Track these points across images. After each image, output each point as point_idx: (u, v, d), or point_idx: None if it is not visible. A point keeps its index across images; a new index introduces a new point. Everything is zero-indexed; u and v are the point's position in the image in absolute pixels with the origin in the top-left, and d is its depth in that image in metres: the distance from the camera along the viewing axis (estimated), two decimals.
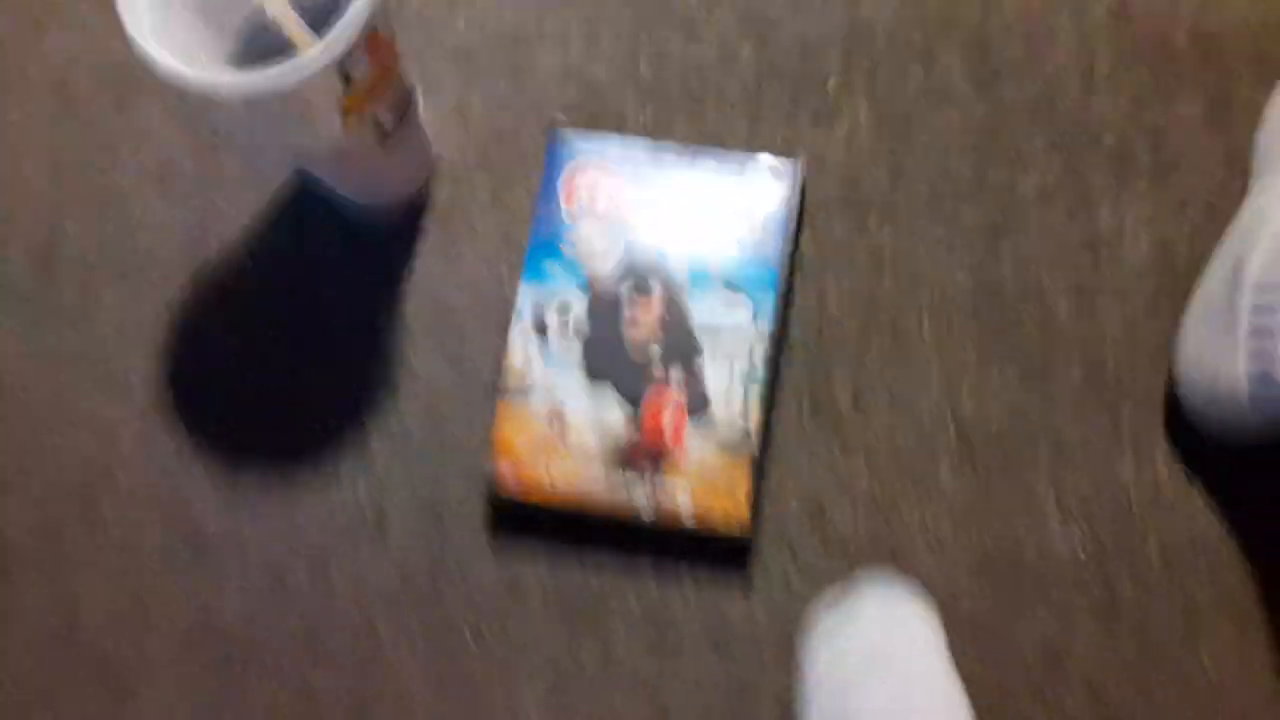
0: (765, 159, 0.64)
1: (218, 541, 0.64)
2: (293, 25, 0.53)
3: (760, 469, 0.61)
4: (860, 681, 0.53)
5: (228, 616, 0.63)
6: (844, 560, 0.62)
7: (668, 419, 0.61)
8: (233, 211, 0.68)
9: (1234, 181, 0.65)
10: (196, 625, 0.63)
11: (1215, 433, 0.59)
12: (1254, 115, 0.65)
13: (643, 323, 0.62)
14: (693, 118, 0.68)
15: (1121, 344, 0.63)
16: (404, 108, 0.61)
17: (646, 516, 0.60)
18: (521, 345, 0.62)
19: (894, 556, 0.61)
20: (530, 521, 0.63)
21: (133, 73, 0.71)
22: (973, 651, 0.59)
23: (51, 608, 0.64)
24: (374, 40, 0.54)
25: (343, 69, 0.53)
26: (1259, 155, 0.64)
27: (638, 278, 0.63)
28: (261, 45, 0.53)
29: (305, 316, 0.67)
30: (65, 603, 0.64)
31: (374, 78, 0.56)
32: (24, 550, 0.64)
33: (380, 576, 0.63)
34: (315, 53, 0.50)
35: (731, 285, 0.63)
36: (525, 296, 0.63)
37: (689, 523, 0.60)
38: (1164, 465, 0.61)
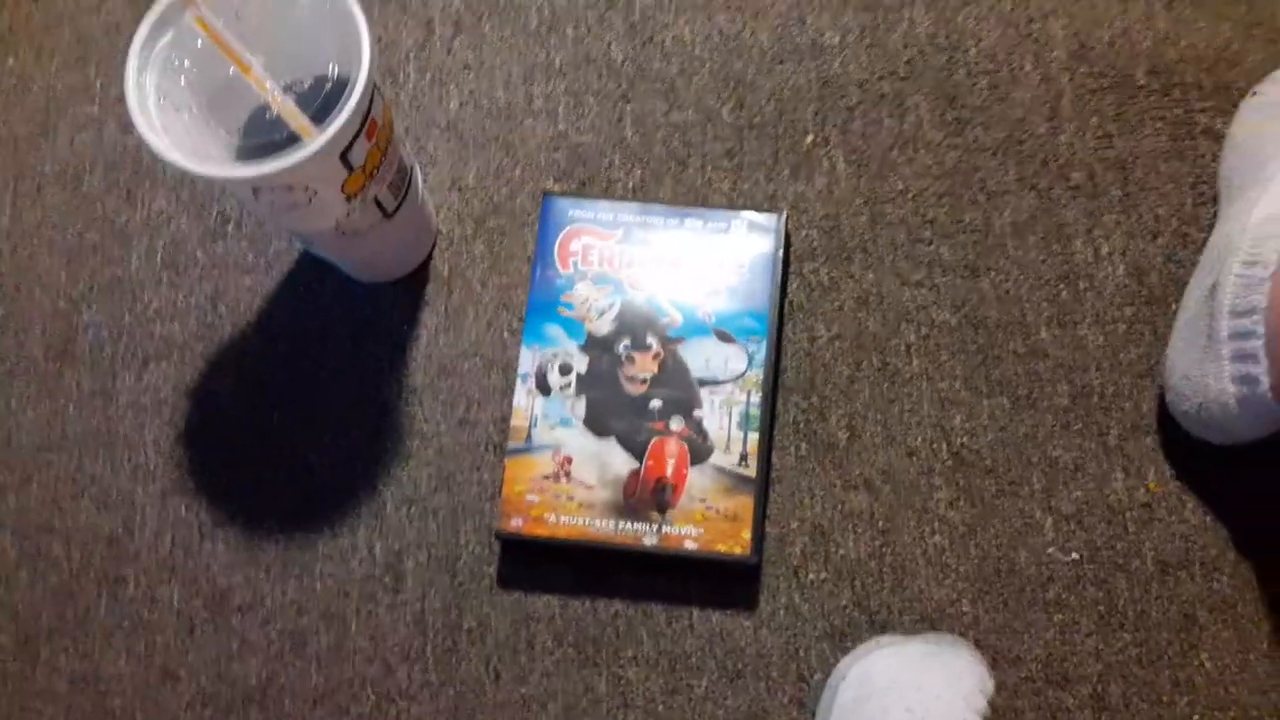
0: (749, 214, 0.67)
1: (238, 608, 0.66)
2: (295, 117, 0.56)
3: (763, 505, 0.63)
4: (882, 691, 0.54)
5: (249, 678, 0.64)
6: (847, 581, 0.63)
7: (671, 467, 0.63)
8: (243, 294, 0.71)
9: (1201, 206, 0.68)
10: (219, 688, 0.64)
11: (1207, 438, 0.62)
12: (1216, 143, 0.68)
13: (641, 377, 0.65)
14: (678, 178, 0.71)
15: (1105, 368, 0.66)
16: (404, 187, 0.64)
17: (654, 551, 0.62)
18: (526, 405, 0.65)
19: (896, 575, 0.63)
20: (541, 568, 0.65)
21: (142, 167, 0.74)
22: None
23: (80, 682, 0.65)
24: (372, 126, 0.57)
25: (344, 155, 0.56)
26: (1223, 183, 0.67)
27: (634, 334, 0.66)
28: (264, 137, 0.56)
29: (316, 389, 0.69)
30: (92, 677, 0.65)
31: (373, 161, 0.59)
32: (51, 628, 0.66)
33: (398, 631, 0.65)
34: (317, 142, 0.53)
35: (725, 335, 0.65)
36: (527, 358, 0.66)
37: (695, 554, 0.62)
38: (1154, 479, 0.63)
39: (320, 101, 0.57)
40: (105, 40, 0.77)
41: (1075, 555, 0.63)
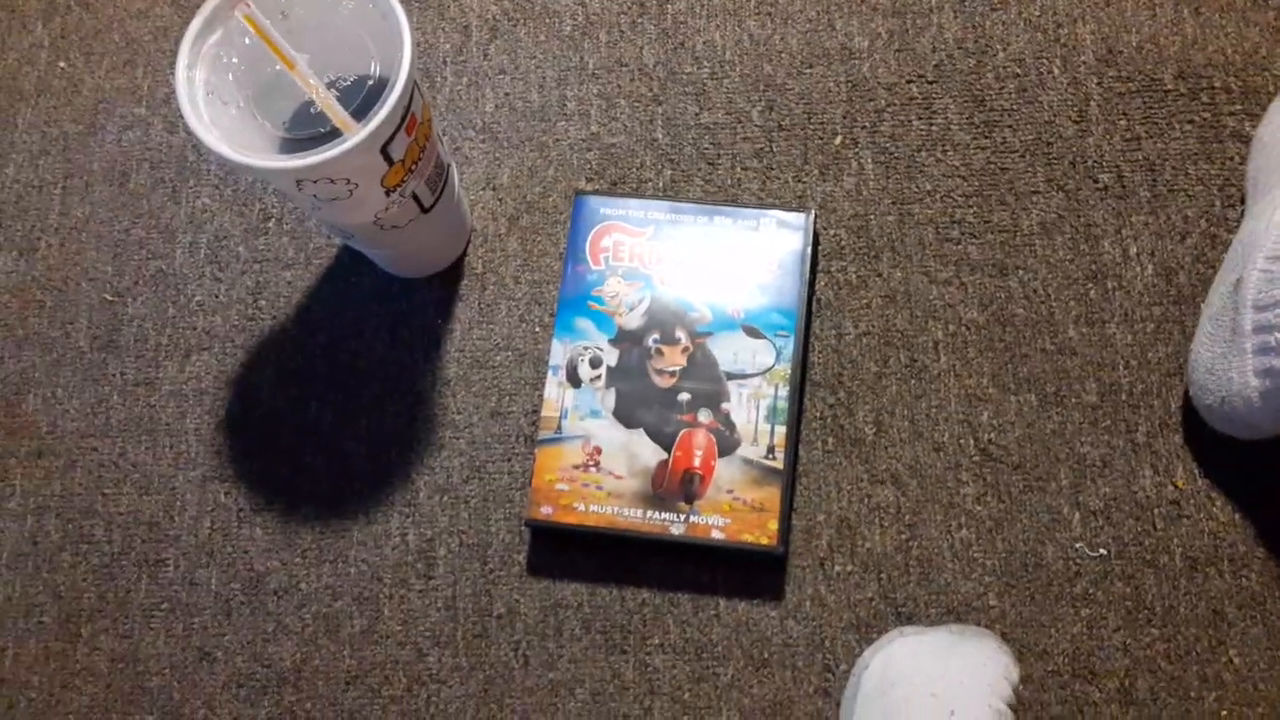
0: (778, 212, 0.68)
1: (273, 592, 0.67)
2: (337, 111, 0.57)
3: (790, 498, 0.64)
4: (906, 678, 0.55)
5: (284, 660, 0.66)
6: (873, 574, 0.64)
7: (699, 458, 0.64)
8: (283, 287, 0.73)
9: (1229, 208, 0.68)
10: (254, 670, 0.66)
11: (1230, 433, 0.62)
12: (1244, 145, 0.69)
13: (670, 371, 0.66)
14: (708, 178, 0.72)
15: (1133, 366, 0.66)
16: (441, 182, 0.65)
17: (681, 540, 0.63)
18: (557, 397, 0.66)
19: (922, 568, 0.64)
20: (570, 556, 0.66)
21: (187, 165, 0.77)
22: None
23: (119, 661, 0.67)
24: (412, 121, 0.59)
25: (384, 149, 0.58)
26: (1250, 183, 0.67)
27: (664, 329, 0.67)
28: (308, 130, 0.58)
29: (353, 380, 0.71)
30: (131, 657, 0.67)
31: (412, 156, 0.60)
32: (92, 608, 0.68)
33: (429, 616, 0.66)
34: (359, 135, 0.55)
35: (753, 331, 0.66)
36: (558, 351, 0.67)
37: (722, 544, 0.63)
38: (1183, 476, 0.64)
39: (361, 99, 0.58)
40: (153, 44, 0.80)
41: (1103, 551, 0.63)
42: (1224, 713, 0.60)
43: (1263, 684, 0.60)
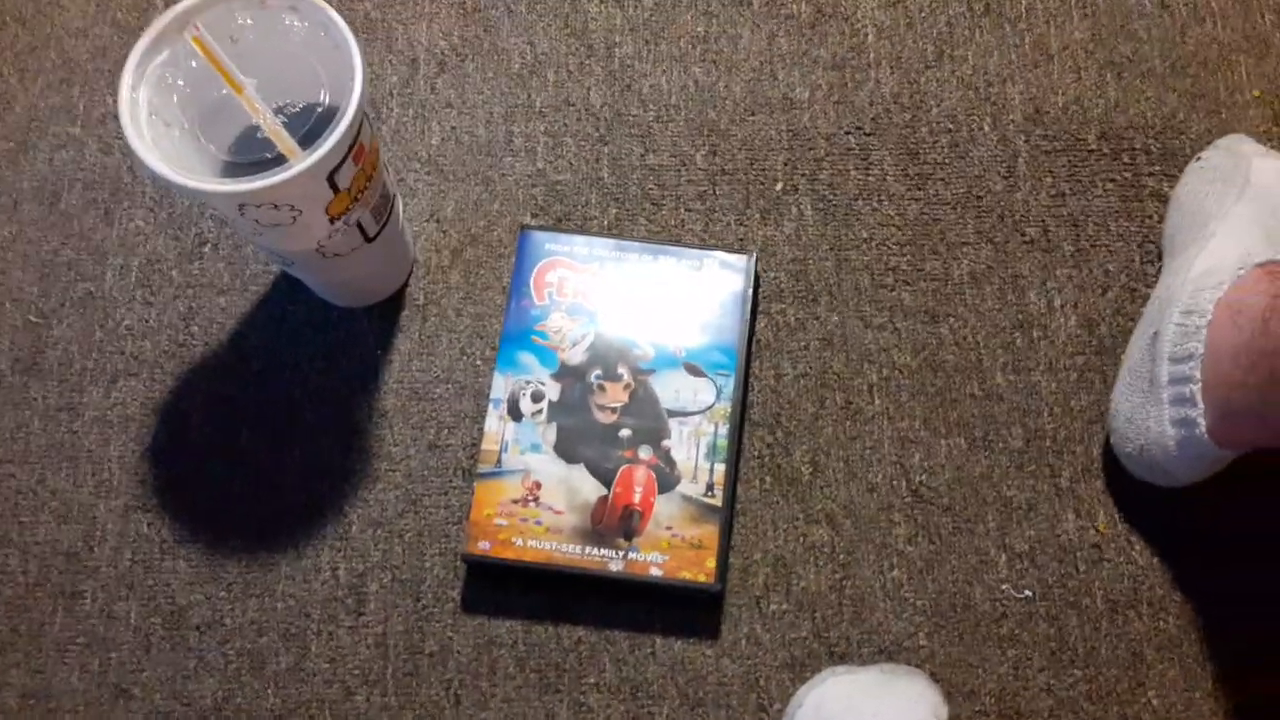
0: (721, 253, 0.69)
1: (196, 626, 0.65)
2: (284, 138, 0.57)
3: (728, 535, 0.64)
4: (839, 717, 0.55)
5: (205, 698, 0.64)
6: (808, 613, 0.64)
7: (639, 495, 0.64)
8: (217, 313, 0.72)
9: (1148, 264, 0.71)
10: (173, 708, 0.63)
11: (1149, 480, 0.64)
12: (1162, 204, 0.72)
13: (612, 407, 0.66)
14: (652, 218, 0.73)
15: (1057, 413, 0.68)
16: (386, 213, 0.65)
17: (619, 576, 0.63)
18: (497, 430, 0.66)
19: (855, 608, 0.64)
20: (505, 593, 0.65)
21: (121, 186, 0.75)
22: None
23: (30, 698, 0.64)
24: (360, 150, 0.59)
25: (330, 177, 0.57)
26: (1166, 241, 0.70)
27: (606, 365, 0.67)
28: (253, 155, 0.57)
29: (287, 409, 0.69)
30: (43, 694, 0.64)
31: (359, 185, 0.60)
32: (4, 643, 0.65)
33: (359, 653, 0.64)
34: (308, 160, 0.55)
35: (695, 370, 0.67)
36: (500, 385, 0.67)
37: (660, 580, 0.63)
38: (1104, 520, 0.66)
39: (309, 126, 0.58)
40: (90, 63, 0.78)
41: (1028, 592, 0.65)
42: None
43: None
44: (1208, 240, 0.65)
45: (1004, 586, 0.65)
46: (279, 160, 0.56)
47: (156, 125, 0.58)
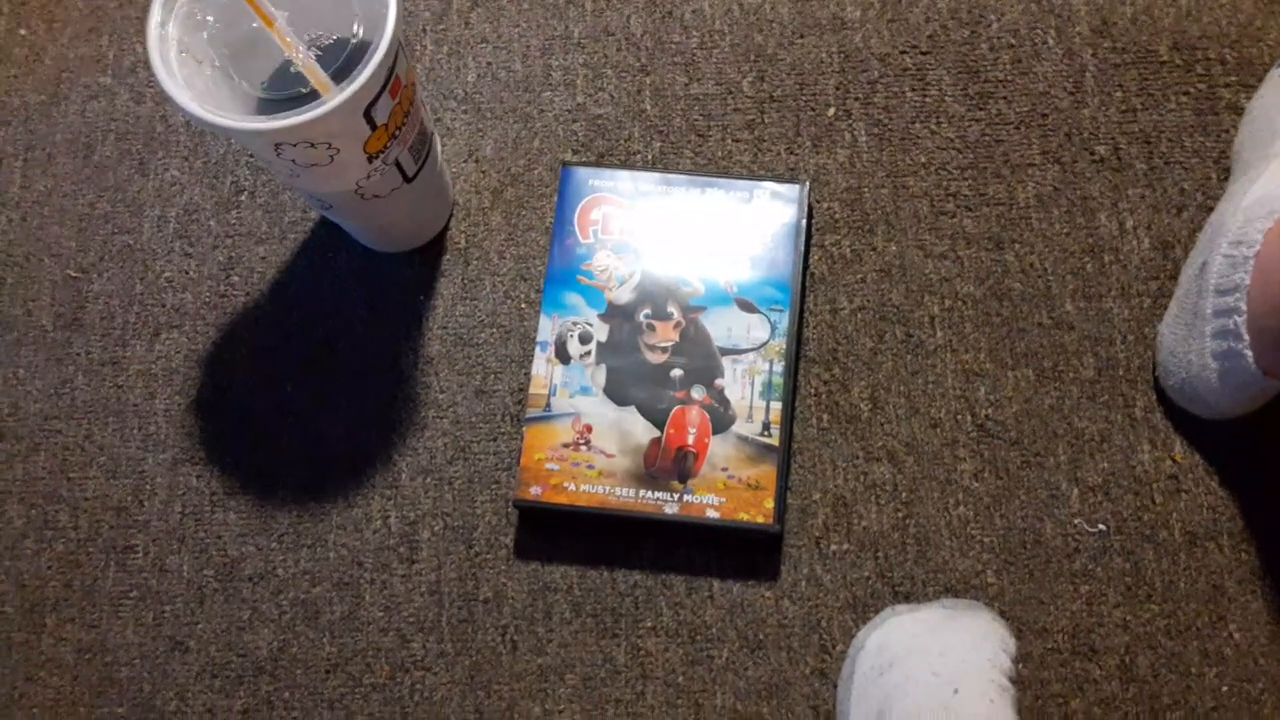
0: (771, 184, 0.66)
1: (249, 578, 0.64)
2: (316, 72, 0.55)
3: (785, 475, 0.62)
4: (904, 657, 0.53)
5: (260, 649, 0.63)
6: (870, 552, 0.62)
7: (693, 436, 0.62)
8: (256, 262, 0.70)
9: (1225, 181, 0.67)
10: (229, 659, 0.63)
11: (1195, 412, 0.62)
12: (1239, 117, 0.68)
13: (662, 346, 0.64)
14: (698, 150, 0.71)
15: (1130, 341, 0.65)
16: (425, 152, 0.63)
17: (675, 519, 0.61)
18: (545, 373, 0.64)
19: (920, 546, 0.62)
20: (558, 538, 0.64)
21: (155, 136, 0.73)
22: None
23: (86, 652, 0.64)
24: (396, 84, 0.56)
25: (367, 112, 0.55)
26: (1235, 157, 0.66)
27: (655, 303, 0.65)
28: (287, 92, 0.55)
29: (331, 359, 0.68)
30: (99, 648, 0.64)
31: (396, 120, 0.58)
32: (57, 597, 0.65)
33: (413, 601, 0.63)
34: (344, 93, 0.52)
35: (747, 305, 0.64)
36: (546, 327, 0.65)
37: (717, 523, 0.61)
38: (1181, 451, 0.63)
39: (343, 60, 0.56)
40: (118, 10, 0.76)
41: (1102, 526, 0.62)
42: (1225, 688, 0.59)
43: (1263, 659, 0.59)
44: (1269, 161, 0.61)
45: (1076, 521, 0.62)
46: (314, 95, 0.54)
47: (187, 63, 0.56)
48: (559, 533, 0.64)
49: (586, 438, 0.63)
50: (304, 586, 0.64)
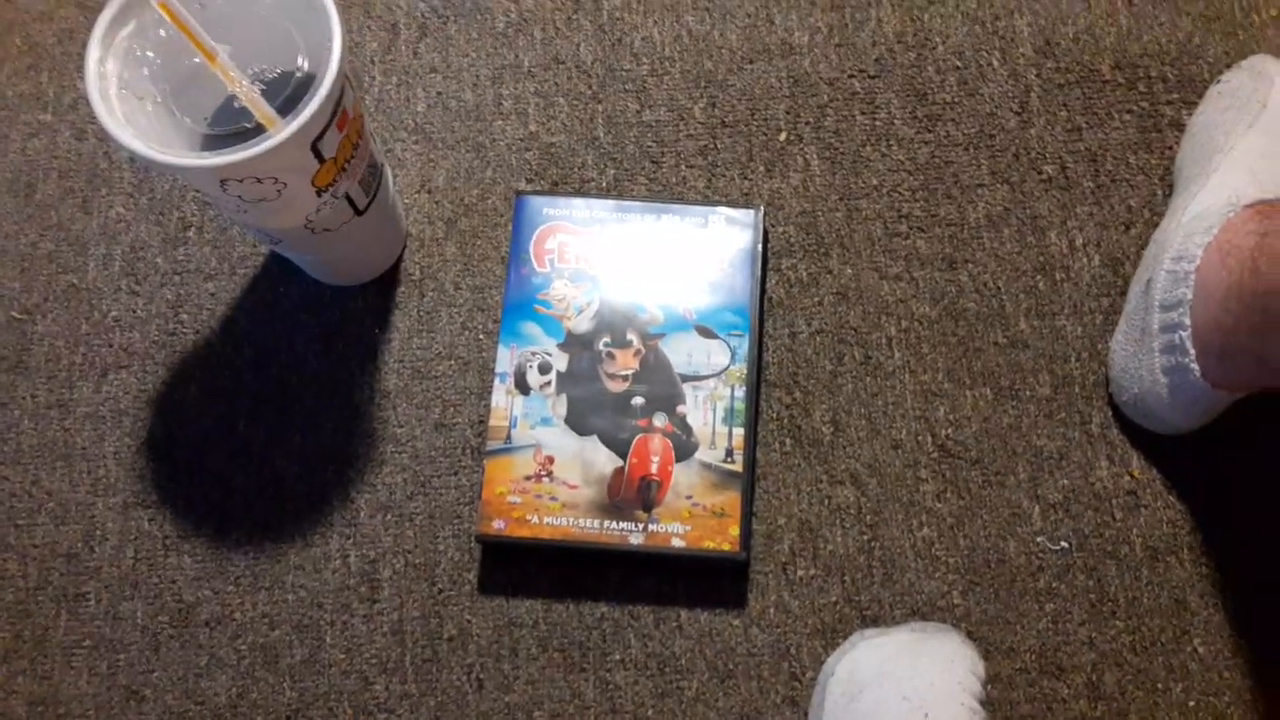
0: (727, 209, 0.66)
1: (205, 623, 0.63)
2: (261, 106, 0.54)
3: (750, 501, 0.62)
4: (874, 682, 0.53)
5: (219, 696, 0.62)
6: (836, 577, 0.62)
7: (656, 464, 0.62)
8: (206, 299, 0.69)
9: (1170, 198, 0.68)
10: (187, 707, 0.61)
11: (1150, 428, 0.63)
12: (1182, 134, 0.69)
13: (623, 374, 0.64)
14: (652, 177, 0.70)
15: (1085, 358, 0.66)
16: (375, 184, 0.62)
17: (641, 550, 0.61)
18: (505, 405, 0.63)
19: (886, 569, 0.62)
20: (523, 572, 0.63)
21: (98, 173, 0.72)
22: None
23: (39, 705, 0.62)
24: (343, 117, 0.55)
25: (314, 145, 0.54)
26: (1177, 173, 0.68)
27: (614, 331, 0.64)
28: (231, 127, 0.54)
29: (285, 396, 0.67)
30: (51, 699, 0.62)
31: (344, 154, 0.57)
32: (8, 649, 0.63)
33: (375, 642, 0.62)
34: (290, 127, 0.52)
35: (706, 331, 0.64)
36: (505, 358, 0.64)
37: (683, 551, 0.61)
38: (1138, 466, 0.63)
39: (288, 93, 0.55)
40: (57, 47, 0.75)
41: (1064, 544, 0.62)
42: (1191, 703, 0.60)
43: (1228, 672, 0.60)
44: (1208, 177, 0.62)
45: (1039, 539, 0.63)
46: (259, 130, 0.53)
47: (128, 100, 0.55)
48: (523, 567, 0.63)
49: (549, 469, 0.62)
50: (262, 630, 0.63)
